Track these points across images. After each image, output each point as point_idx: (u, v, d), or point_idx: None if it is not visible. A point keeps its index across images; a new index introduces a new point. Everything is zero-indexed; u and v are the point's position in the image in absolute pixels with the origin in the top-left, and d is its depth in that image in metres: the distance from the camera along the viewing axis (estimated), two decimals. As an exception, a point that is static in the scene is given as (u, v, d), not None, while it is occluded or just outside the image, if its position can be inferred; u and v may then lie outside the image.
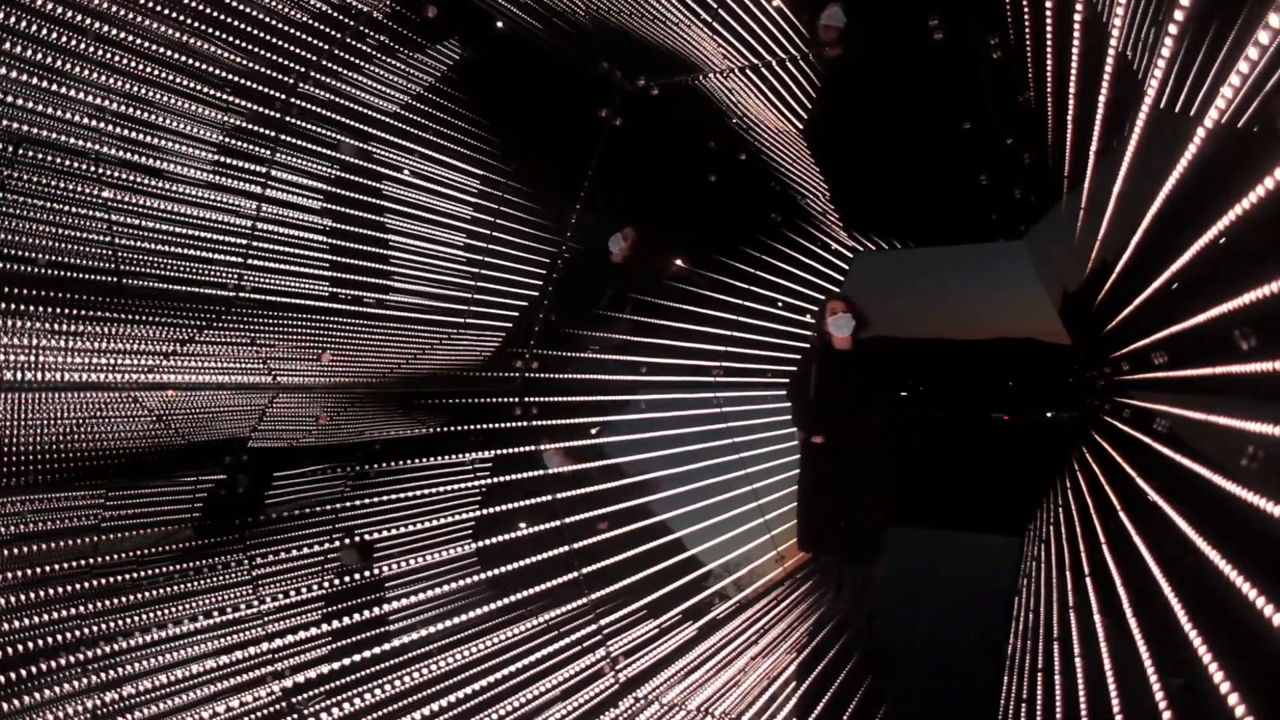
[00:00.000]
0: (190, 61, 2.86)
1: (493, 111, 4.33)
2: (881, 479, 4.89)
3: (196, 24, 2.82)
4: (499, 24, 4.02)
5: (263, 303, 3.29)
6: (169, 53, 2.78)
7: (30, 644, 2.29)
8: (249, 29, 3.00)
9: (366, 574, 3.32)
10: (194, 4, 2.80)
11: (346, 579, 3.24)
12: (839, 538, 4.89)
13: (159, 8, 2.70)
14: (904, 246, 8.41)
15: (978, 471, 8.46)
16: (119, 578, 2.56)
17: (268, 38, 3.07)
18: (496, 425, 4.55)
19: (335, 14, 3.26)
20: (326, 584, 3.17)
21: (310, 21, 3.19)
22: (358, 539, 3.24)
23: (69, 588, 2.43)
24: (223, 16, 2.91)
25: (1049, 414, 8.90)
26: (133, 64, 2.69)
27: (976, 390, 9.53)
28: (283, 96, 3.22)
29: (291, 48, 3.16)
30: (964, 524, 7.17)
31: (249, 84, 3.08)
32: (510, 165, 4.39)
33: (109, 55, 2.61)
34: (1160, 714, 1.81)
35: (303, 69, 3.25)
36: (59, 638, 2.37)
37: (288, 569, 3.10)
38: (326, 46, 3.30)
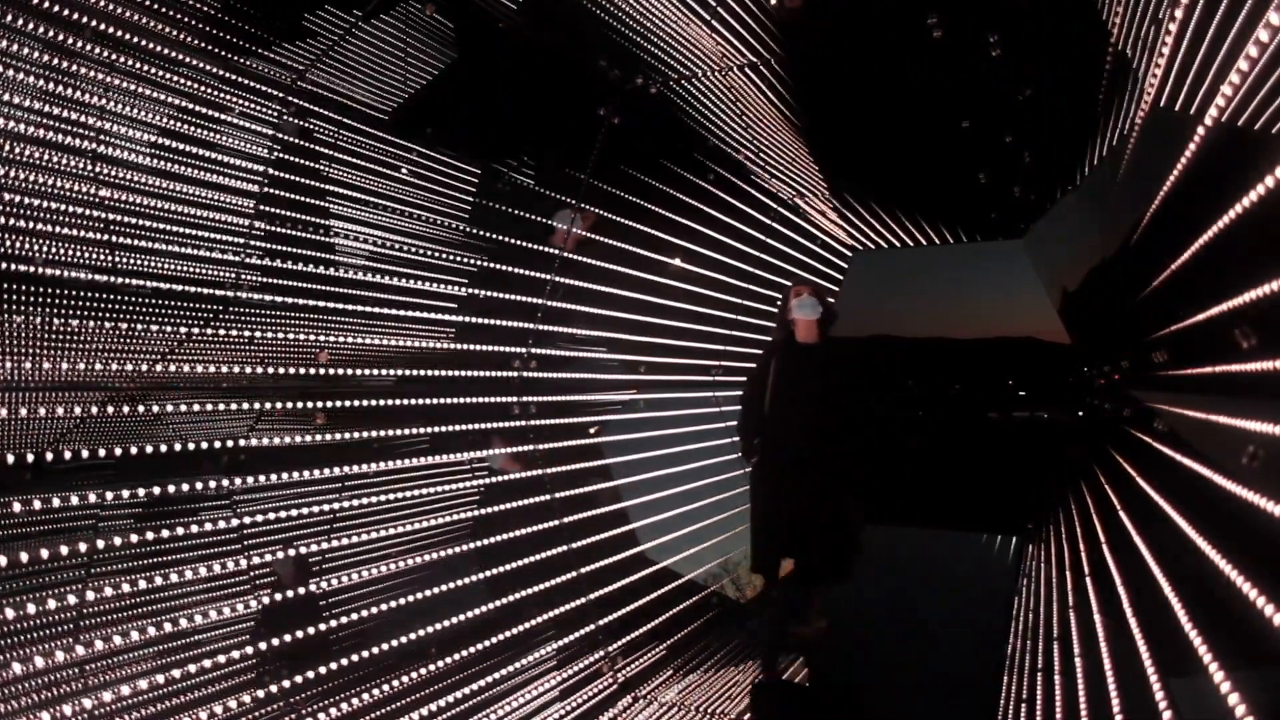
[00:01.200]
0: (193, 61, 2.85)
1: (491, 110, 4.32)
2: (852, 492, 4.15)
3: (197, 22, 2.82)
4: (499, 23, 4.02)
5: (260, 302, 3.28)
6: (172, 51, 2.78)
7: (28, 644, 2.29)
8: (246, 26, 2.99)
9: (361, 575, 3.31)
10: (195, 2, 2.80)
11: (345, 578, 3.23)
12: (797, 562, 4.12)
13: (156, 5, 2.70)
14: (903, 245, 8.40)
15: (978, 471, 8.44)
16: (117, 577, 2.56)
17: (264, 34, 3.07)
18: (495, 425, 4.54)
19: (332, 12, 3.26)
20: (324, 583, 3.17)
21: (307, 19, 3.19)
22: (294, 551, 3.14)
23: (66, 587, 2.43)
24: (216, 13, 2.90)
25: (1048, 414, 8.90)
26: (132, 64, 2.68)
27: (976, 390, 9.52)
28: (281, 94, 3.21)
29: (289, 45, 3.16)
30: (964, 524, 7.16)
31: (249, 82, 3.08)
32: (509, 163, 4.38)
33: (110, 55, 2.61)
34: (1160, 714, 1.80)
35: (301, 67, 3.24)
36: (57, 638, 2.36)
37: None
38: (324, 44, 3.30)
